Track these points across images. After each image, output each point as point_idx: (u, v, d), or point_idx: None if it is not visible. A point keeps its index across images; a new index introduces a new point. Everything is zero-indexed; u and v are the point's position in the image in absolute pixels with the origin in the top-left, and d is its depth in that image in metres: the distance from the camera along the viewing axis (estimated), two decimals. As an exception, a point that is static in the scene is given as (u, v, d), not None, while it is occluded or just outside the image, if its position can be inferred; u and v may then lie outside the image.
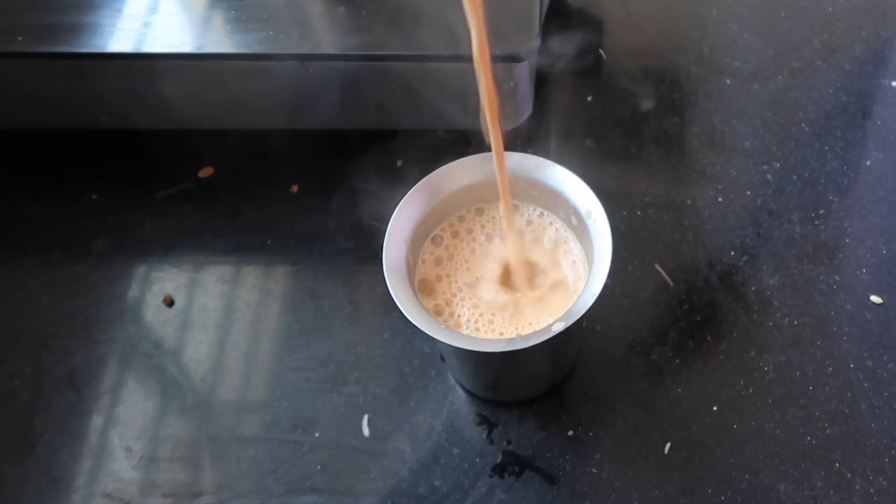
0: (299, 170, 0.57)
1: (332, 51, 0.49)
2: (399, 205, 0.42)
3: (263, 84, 0.52)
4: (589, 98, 0.59)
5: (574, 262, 0.44)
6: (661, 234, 0.53)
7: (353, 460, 0.46)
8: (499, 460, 0.46)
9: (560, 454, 0.46)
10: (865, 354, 0.48)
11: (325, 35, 0.50)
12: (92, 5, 0.51)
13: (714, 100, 0.59)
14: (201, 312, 0.52)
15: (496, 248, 0.44)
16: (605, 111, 0.59)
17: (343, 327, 0.51)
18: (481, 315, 0.42)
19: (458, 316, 0.42)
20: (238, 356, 0.50)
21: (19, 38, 0.50)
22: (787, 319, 0.49)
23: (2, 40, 0.50)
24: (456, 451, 0.46)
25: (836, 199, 0.54)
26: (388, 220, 0.41)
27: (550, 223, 0.45)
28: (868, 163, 0.55)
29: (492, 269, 0.44)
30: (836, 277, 0.51)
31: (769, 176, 0.55)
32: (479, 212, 0.45)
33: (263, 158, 0.58)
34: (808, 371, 0.48)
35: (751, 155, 0.56)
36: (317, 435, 0.47)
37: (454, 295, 0.43)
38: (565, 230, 0.44)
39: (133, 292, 0.53)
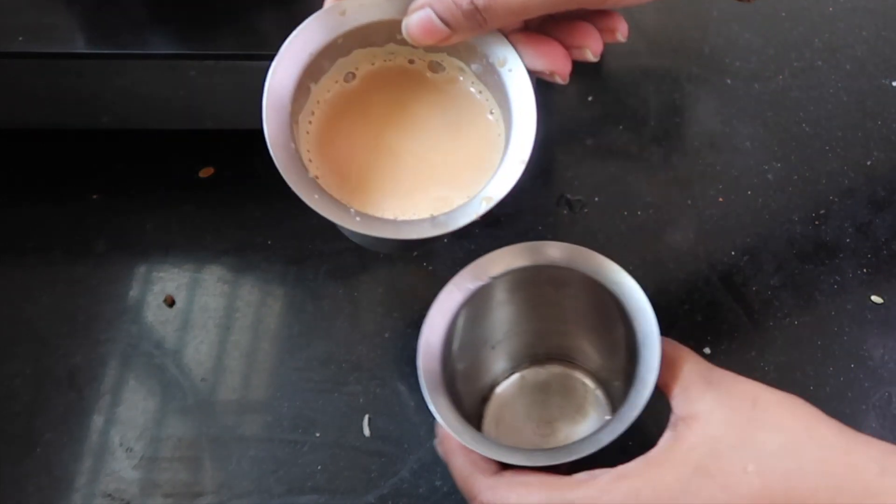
0: (299, 170, 0.57)
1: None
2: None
3: (263, 84, 0.52)
4: (589, 98, 0.59)
5: (491, 112, 0.37)
6: (661, 234, 0.53)
7: (354, 460, 0.46)
8: (499, 460, 0.46)
9: (560, 454, 0.46)
10: (866, 354, 0.48)
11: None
12: (92, 5, 0.51)
13: (714, 100, 0.59)
14: (202, 312, 0.52)
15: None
16: (605, 111, 0.59)
17: (343, 327, 0.51)
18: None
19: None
20: (239, 356, 0.50)
21: (19, 38, 0.50)
22: (787, 319, 0.49)
23: (2, 40, 0.50)
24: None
25: (836, 199, 0.54)
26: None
27: (459, 68, 0.38)
28: (868, 163, 0.55)
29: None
30: (837, 277, 0.51)
31: (770, 176, 0.55)
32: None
33: (264, 158, 0.58)
34: (809, 371, 0.48)
35: (751, 155, 0.56)
36: (317, 435, 0.47)
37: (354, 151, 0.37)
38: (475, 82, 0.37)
39: (134, 292, 0.53)
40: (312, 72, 0.36)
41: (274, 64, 0.34)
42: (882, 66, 0.59)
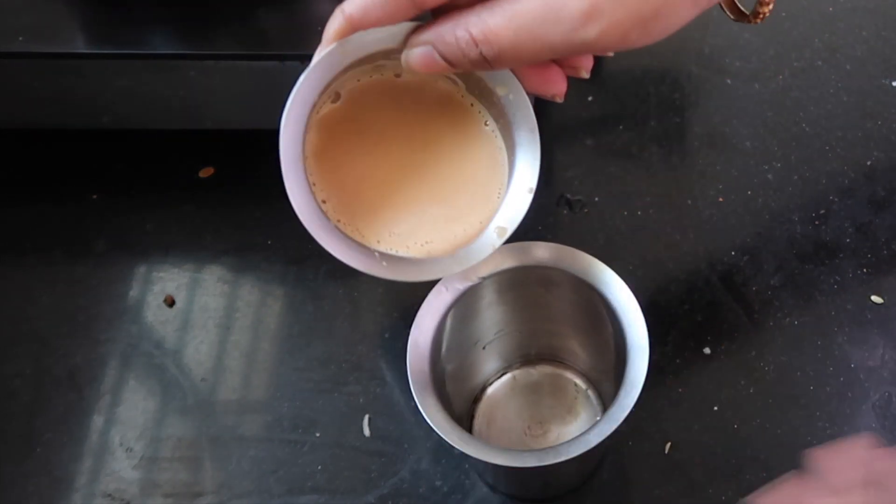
0: (300, 170, 0.57)
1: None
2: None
3: (263, 84, 0.52)
4: (589, 98, 0.59)
5: (486, 123, 0.37)
6: (662, 234, 0.53)
7: (354, 460, 0.46)
8: (499, 460, 0.46)
9: (560, 454, 0.46)
10: (866, 354, 0.48)
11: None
12: (91, 5, 0.51)
13: (715, 100, 0.59)
14: (202, 312, 0.52)
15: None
16: (605, 111, 0.59)
17: (343, 327, 0.51)
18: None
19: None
20: (239, 356, 0.50)
21: (19, 38, 0.50)
22: (787, 319, 0.49)
23: (2, 40, 0.50)
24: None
25: (836, 199, 0.54)
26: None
27: (450, 80, 0.37)
28: (868, 163, 0.55)
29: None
30: (837, 277, 0.51)
31: (770, 176, 0.55)
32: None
33: (263, 158, 0.58)
34: (808, 371, 0.48)
35: (751, 155, 0.56)
36: (317, 435, 0.47)
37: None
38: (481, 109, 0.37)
39: (134, 292, 0.53)
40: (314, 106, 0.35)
41: (284, 118, 0.34)
42: (882, 66, 0.59)
